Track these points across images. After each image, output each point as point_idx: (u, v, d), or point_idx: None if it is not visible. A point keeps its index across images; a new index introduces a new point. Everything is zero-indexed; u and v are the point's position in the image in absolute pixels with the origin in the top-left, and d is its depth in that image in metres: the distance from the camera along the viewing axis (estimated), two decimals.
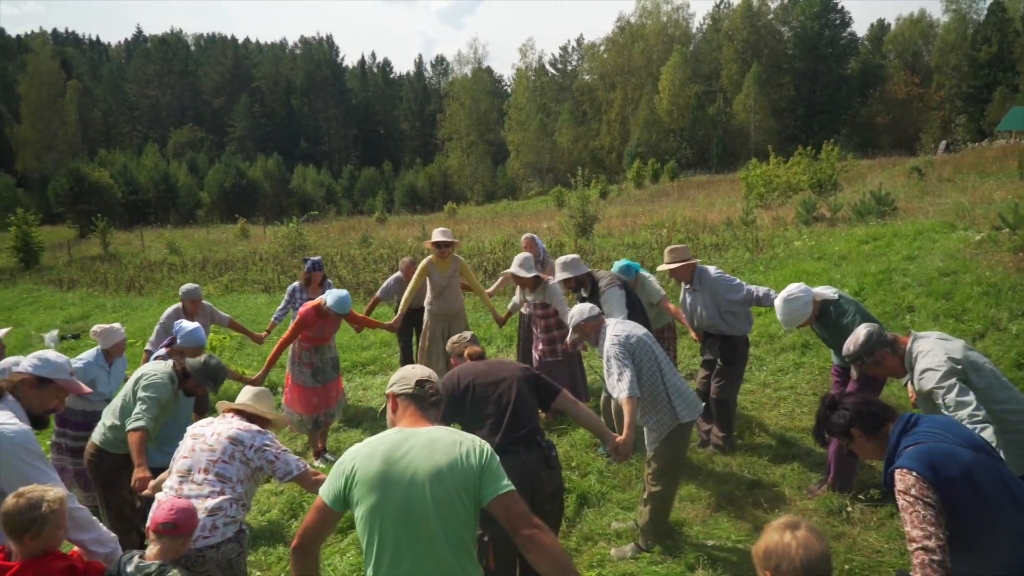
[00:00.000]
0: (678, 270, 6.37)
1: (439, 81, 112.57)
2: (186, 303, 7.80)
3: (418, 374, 3.00)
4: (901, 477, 2.83)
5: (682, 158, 68.86)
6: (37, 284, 24.30)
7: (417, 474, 2.60)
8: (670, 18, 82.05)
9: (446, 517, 2.59)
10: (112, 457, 5.01)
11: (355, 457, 2.71)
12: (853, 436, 3.12)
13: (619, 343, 4.80)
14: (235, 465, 3.79)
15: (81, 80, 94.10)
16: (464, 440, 2.73)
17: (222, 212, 68.54)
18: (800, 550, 2.29)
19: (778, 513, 5.39)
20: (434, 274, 7.92)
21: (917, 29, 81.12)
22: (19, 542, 2.94)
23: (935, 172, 30.40)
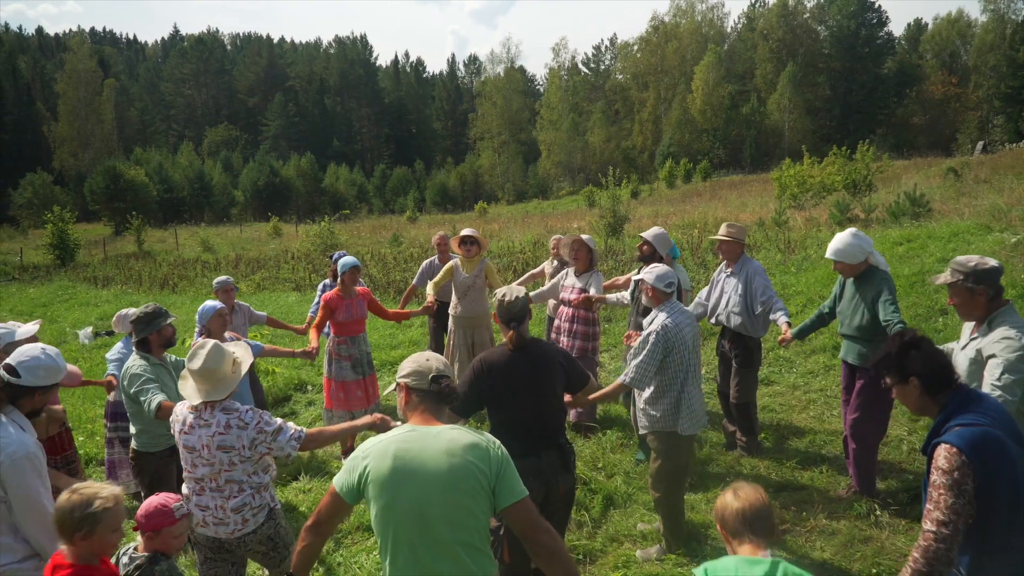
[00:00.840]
0: (730, 244, 6.36)
1: (471, 80, 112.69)
2: (219, 294, 7.83)
3: (433, 367, 2.91)
4: (948, 455, 2.74)
5: (715, 158, 68.35)
6: (72, 281, 24.73)
7: (430, 478, 2.60)
8: (704, 17, 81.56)
9: (459, 520, 2.62)
10: (152, 456, 5.13)
11: (368, 455, 2.70)
12: (909, 383, 2.96)
13: (664, 331, 4.73)
14: (238, 467, 3.71)
15: (118, 79, 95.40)
16: (479, 443, 2.71)
17: (255, 210, 69.26)
18: (737, 503, 2.68)
19: (805, 516, 5.36)
20: (459, 274, 7.90)
21: (955, 29, 79.74)
22: (70, 542, 2.83)
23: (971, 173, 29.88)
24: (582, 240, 7.09)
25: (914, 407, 3.02)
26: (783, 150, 61.72)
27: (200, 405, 3.72)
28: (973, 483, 2.70)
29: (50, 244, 31.25)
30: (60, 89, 77.90)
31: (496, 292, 4.08)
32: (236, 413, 3.69)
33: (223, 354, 3.77)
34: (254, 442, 3.67)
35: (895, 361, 2.98)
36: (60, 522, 2.82)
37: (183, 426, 3.75)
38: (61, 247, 31.02)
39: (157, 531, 3.13)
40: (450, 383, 2.92)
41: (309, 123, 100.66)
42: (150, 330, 4.98)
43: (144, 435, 5.09)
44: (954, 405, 2.88)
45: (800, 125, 70.78)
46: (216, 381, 3.72)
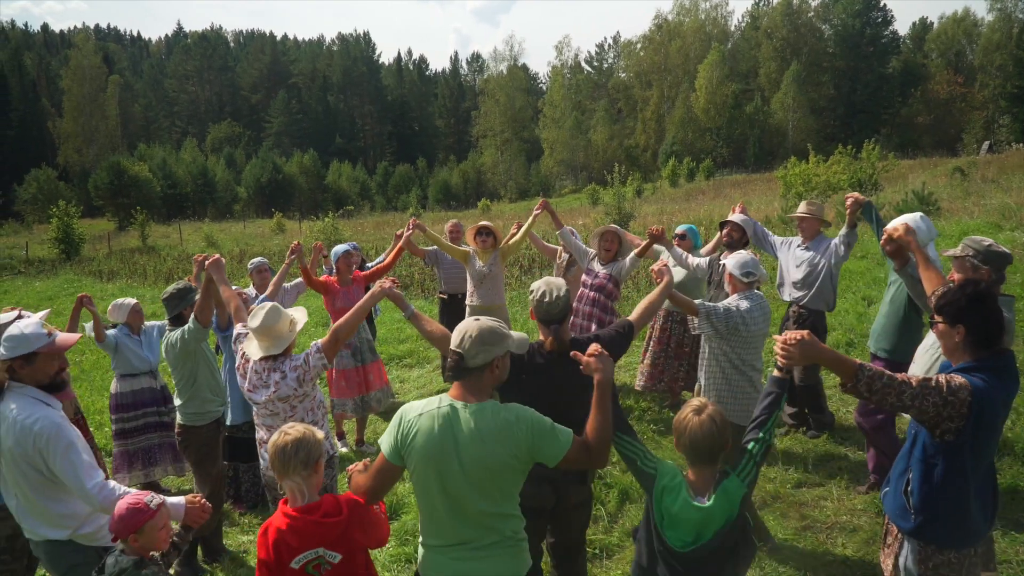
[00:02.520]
0: (810, 221, 6.45)
1: (474, 78, 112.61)
2: (254, 276, 7.53)
3: (453, 341, 2.89)
4: (961, 384, 2.81)
5: (718, 157, 68.28)
6: (78, 275, 24.70)
7: (460, 462, 2.77)
8: (708, 16, 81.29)
9: (489, 494, 2.83)
10: (198, 430, 5.30)
11: (413, 421, 2.86)
12: (956, 329, 2.96)
13: (737, 313, 4.64)
14: (299, 408, 4.17)
15: (122, 75, 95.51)
16: (508, 430, 2.80)
17: (258, 207, 69.33)
18: (690, 430, 2.88)
19: (824, 510, 5.30)
20: (475, 262, 7.84)
21: (961, 28, 79.47)
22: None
23: (979, 172, 29.85)
24: (614, 231, 7.06)
25: (947, 351, 3.08)
26: (787, 149, 61.56)
27: (260, 366, 4.11)
28: (954, 421, 2.81)
29: (55, 238, 31.29)
30: (65, 85, 78.14)
31: (533, 287, 3.74)
32: (280, 370, 4.10)
33: (280, 313, 4.12)
34: (299, 379, 4.09)
35: (956, 307, 2.97)
36: (306, 450, 2.92)
37: (248, 383, 4.16)
38: (66, 241, 31.07)
39: (140, 530, 3.10)
40: (456, 362, 2.85)
41: (312, 120, 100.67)
42: (183, 305, 5.32)
43: (192, 404, 5.25)
44: (989, 361, 2.92)
45: (804, 124, 70.59)
46: (275, 338, 4.09)
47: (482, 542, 2.86)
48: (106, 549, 3.50)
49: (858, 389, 2.83)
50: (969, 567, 3.00)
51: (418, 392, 8.93)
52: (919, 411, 2.83)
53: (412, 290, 15.79)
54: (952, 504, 2.94)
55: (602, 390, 2.91)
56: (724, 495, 2.87)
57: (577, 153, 79.67)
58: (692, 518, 2.86)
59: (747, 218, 6.58)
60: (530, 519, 3.58)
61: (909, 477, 3.05)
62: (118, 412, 6.56)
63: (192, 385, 5.21)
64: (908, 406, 2.82)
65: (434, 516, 2.90)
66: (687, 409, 2.97)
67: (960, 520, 2.95)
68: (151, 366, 6.65)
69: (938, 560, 2.98)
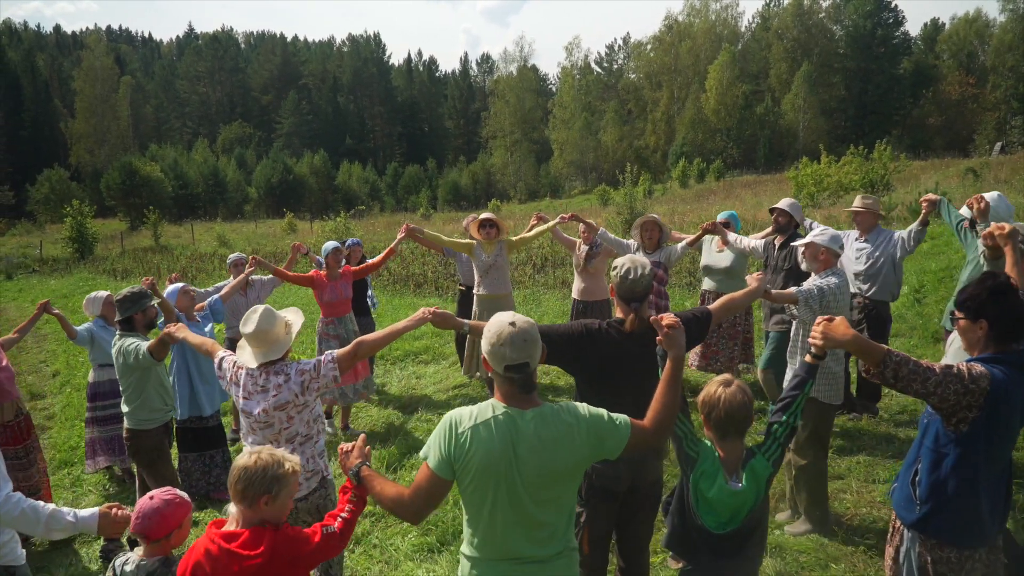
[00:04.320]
0: (864, 215, 6.67)
1: (484, 79, 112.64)
2: (233, 270, 8.08)
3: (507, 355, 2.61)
4: (981, 372, 2.82)
5: (728, 158, 68.13)
6: (92, 274, 24.86)
7: (527, 466, 2.58)
8: (718, 16, 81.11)
9: (550, 504, 2.65)
10: (147, 434, 5.27)
11: (467, 432, 2.61)
12: (977, 324, 2.96)
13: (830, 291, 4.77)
14: (296, 420, 3.85)
15: (134, 76, 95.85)
16: (567, 434, 2.64)
17: (268, 207, 69.50)
18: (725, 400, 2.96)
19: (844, 501, 5.33)
20: (480, 253, 7.96)
21: (972, 29, 79.01)
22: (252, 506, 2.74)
23: (991, 173, 29.73)
24: (654, 220, 7.28)
25: (968, 347, 3.05)
26: (797, 150, 61.43)
27: (256, 372, 3.84)
28: (973, 413, 2.82)
29: (69, 237, 31.45)
30: (77, 86, 78.30)
31: (616, 263, 3.61)
32: (284, 373, 3.83)
33: (274, 316, 3.89)
34: (303, 385, 3.81)
35: (976, 301, 2.97)
36: (247, 483, 2.71)
37: (242, 391, 3.86)
38: (80, 240, 31.23)
39: (180, 525, 2.98)
40: (526, 376, 2.65)
41: (322, 121, 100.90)
42: (135, 309, 5.27)
43: (140, 411, 5.22)
44: (1011, 359, 2.90)
45: (815, 125, 70.39)
46: (271, 343, 3.85)
47: (538, 555, 2.68)
48: (7, 569, 3.30)
49: (884, 375, 2.84)
50: (969, 571, 2.94)
51: (435, 387, 8.99)
52: (940, 398, 2.82)
53: (426, 288, 15.86)
54: (958, 497, 2.92)
55: (676, 366, 2.84)
56: (753, 477, 2.94)
57: (587, 154, 79.59)
58: (728, 503, 2.93)
59: (794, 202, 6.77)
60: (601, 501, 3.56)
61: (918, 467, 3.04)
62: (95, 400, 6.81)
63: (140, 395, 5.20)
64: (931, 393, 2.82)
65: (489, 532, 2.68)
66: (714, 385, 3.03)
67: (965, 516, 2.93)
68: None
69: (936, 556, 2.96)
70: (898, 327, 9.32)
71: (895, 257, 6.51)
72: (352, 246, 8.69)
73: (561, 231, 8.43)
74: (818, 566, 4.59)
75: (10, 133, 74.58)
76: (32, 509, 3.12)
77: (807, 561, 4.64)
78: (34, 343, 13.55)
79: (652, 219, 7.30)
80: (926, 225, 6.36)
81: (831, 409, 4.99)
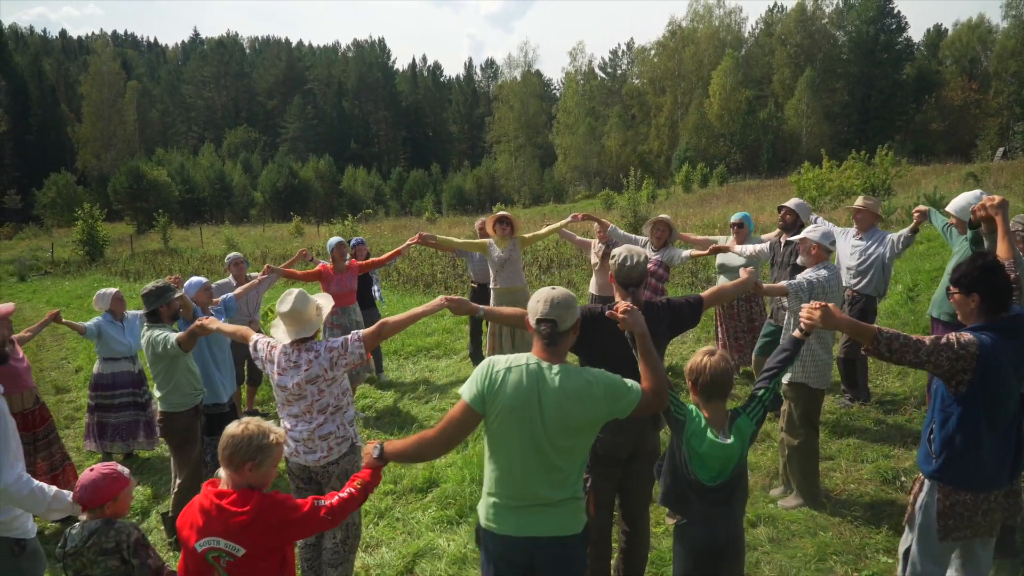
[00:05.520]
0: (864, 214, 7.09)
1: (488, 84, 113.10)
2: (232, 268, 8.43)
3: (539, 309, 3.05)
4: (969, 340, 3.27)
5: (731, 163, 68.44)
6: (106, 275, 25.29)
7: (543, 418, 2.95)
8: (722, 22, 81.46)
9: (565, 452, 3.01)
10: (179, 416, 5.62)
11: (500, 373, 3.02)
12: (970, 297, 3.42)
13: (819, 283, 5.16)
14: (327, 392, 4.21)
15: (140, 81, 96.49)
16: (591, 380, 3.02)
17: (274, 211, 69.90)
18: (711, 367, 3.31)
19: (833, 478, 5.72)
20: (494, 250, 8.33)
21: (975, 34, 79.20)
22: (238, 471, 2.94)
23: (991, 178, 30.04)
24: (665, 221, 7.70)
25: (963, 318, 3.51)
26: (800, 155, 61.62)
27: (289, 349, 4.20)
28: (968, 376, 3.27)
29: (80, 240, 31.84)
30: (84, 91, 78.82)
31: (615, 252, 4.02)
32: (315, 350, 4.18)
33: (308, 299, 4.25)
34: (332, 361, 4.17)
35: (969, 278, 3.42)
36: (234, 449, 2.92)
37: (276, 367, 4.23)
38: (91, 243, 31.62)
39: (115, 497, 3.20)
40: (551, 328, 3.04)
41: (327, 125, 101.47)
42: (160, 302, 5.61)
43: (172, 396, 5.56)
44: (999, 326, 3.36)
45: (818, 131, 70.60)
46: (303, 322, 4.20)
47: (551, 498, 3.02)
48: (19, 542, 3.52)
49: (879, 350, 3.33)
50: (986, 511, 3.37)
51: (447, 380, 9.38)
52: (935, 365, 3.31)
53: (435, 288, 16.25)
54: (965, 449, 3.35)
55: (642, 340, 3.23)
56: (738, 433, 3.35)
57: (591, 159, 79.92)
58: (718, 455, 3.31)
59: (801, 202, 7.20)
60: (606, 467, 3.95)
61: (932, 427, 3.48)
62: (97, 390, 7.28)
63: (170, 381, 5.52)
64: (925, 362, 3.30)
65: (509, 470, 3.03)
66: (700, 355, 3.38)
67: (974, 464, 3.35)
68: (131, 351, 7.37)
69: (955, 499, 3.39)
70: (891, 323, 9.69)
71: (885, 257, 6.92)
72: (357, 245, 9.36)
73: (573, 233, 8.79)
74: (807, 534, 4.99)
75: (17, 138, 75.02)
76: (39, 489, 3.42)
77: (798, 529, 5.04)
78: (53, 341, 13.99)
79: (663, 219, 7.72)
80: (915, 232, 6.80)
81: (820, 393, 5.38)
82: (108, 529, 3.10)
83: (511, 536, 3.05)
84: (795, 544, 4.88)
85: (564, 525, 3.07)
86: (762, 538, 4.95)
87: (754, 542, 4.91)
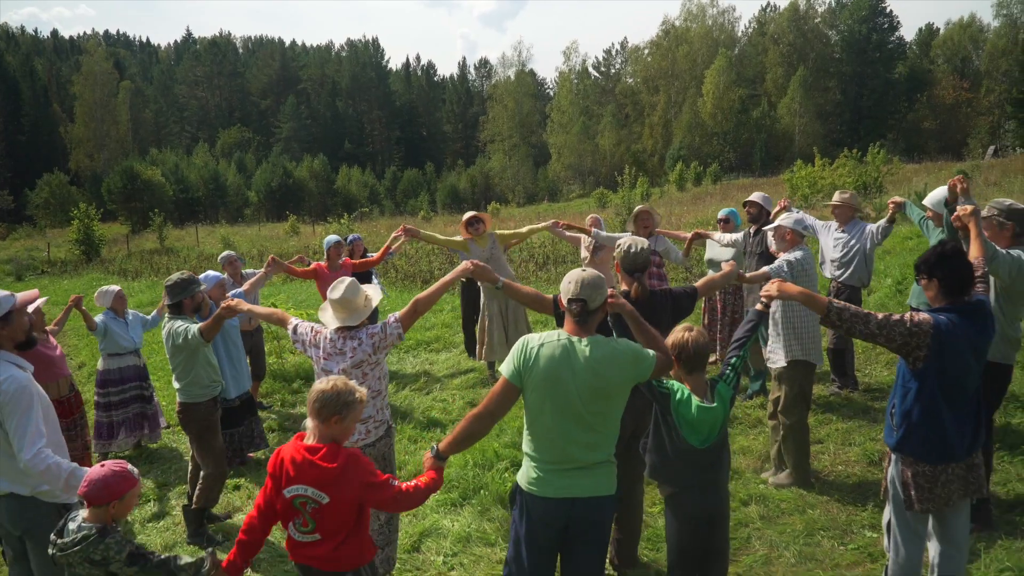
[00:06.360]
0: (842, 208, 7.39)
1: (482, 84, 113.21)
2: (227, 267, 8.50)
3: (571, 289, 3.36)
4: (924, 319, 3.50)
5: (725, 161, 68.68)
6: (103, 274, 25.41)
7: (575, 388, 3.25)
8: (715, 21, 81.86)
9: (598, 415, 3.31)
10: (197, 407, 5.70)
11: (535, 349, 3.34)
12: (932, 281, 3.66)
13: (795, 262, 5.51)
14: (370, 376, 4.39)
15: (132, 81, 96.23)
16: (618, 348, 3.35)
17: (268, 211, 69.75)
18: (693, 341, 3.65)
19: (822, 460, 5.95)
20: (475, 250, 8.50)
21: (967, 34, 79.67)
22: (326, 422, 3.22)
23: (982, 176, 30.27)
24: (648, 210, 8.00)
25: (930, 300, 3.76)
26: (793, 154, 61.94)
27: (335, 336, 4.40)
28: (923, 352, 3.49)
29: (76, 240, 31.93)
30: (76, 91, 78.35)
31: (620, 242, 4.30)
32: (358, 337, 4.38)
33: (358, 288, 4.46)
34: (374, 346, 4.37)
35: (929, 264, 3.68)
36: (323, 403, 3.22)
37: (322, 352, 4.42)
38: (87, 243, 31.72)
39: (122, 496, 3.20)
40: (581, 307, 3.35)
41: (321, 125, 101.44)
42: (185, 295, 5.67)
43: (192, 387, 5.65)
44: (957, 308, 3.57)
45: (811, 129, 71.01)
46: (352, 310, 4.41)
47: (587, 461, 3.32)
48: (65, 507, 3.72)
49: (831, 319, 3.62)
50: (945, 482, 3.58)
51: (446, 372, 9.59)
52: (887, 339, 3.55)
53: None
54: (922, 422, 3.57)
55: (631, 316, 3.59)
56: (720, 397, 3.65)
57: (584, 158, 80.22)
58: (706, 419, 3.59)
59: (763, 195, 7.56)
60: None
61: (895, 401, 3.71)
62: (104, 387, 7.45)
63: (190, 372, 5.60)
64: (876, 334, 3.55)
65: (547, 437, 3.34)
66: (680, 331, 3.72)
67: (932, 437, 3.56)
68: (135, 346, 7.58)
69: (916, 470, 3.61)
70: None
71: (866, 248, 7.22)
72: (354, 241, 9.64)
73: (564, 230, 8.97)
74: (796, 511, 5.22)
75: (8, 138, 74.96)
76: (56, 465, 3.58)
77: (787, 507, 5.28)
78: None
79: (645, 209, 8.00)
80: (892, 223, 7.11)
81: (813, 369, 5.65)
82: (99, 541, 3.11)
83: (551, 498, 3.34)
84: (785, 521, 5.12)
85: (600, 486, 3.37)
86: (753, 516, 5.18)
87: (746, 519, 5.15)
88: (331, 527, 3.25)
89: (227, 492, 6.52)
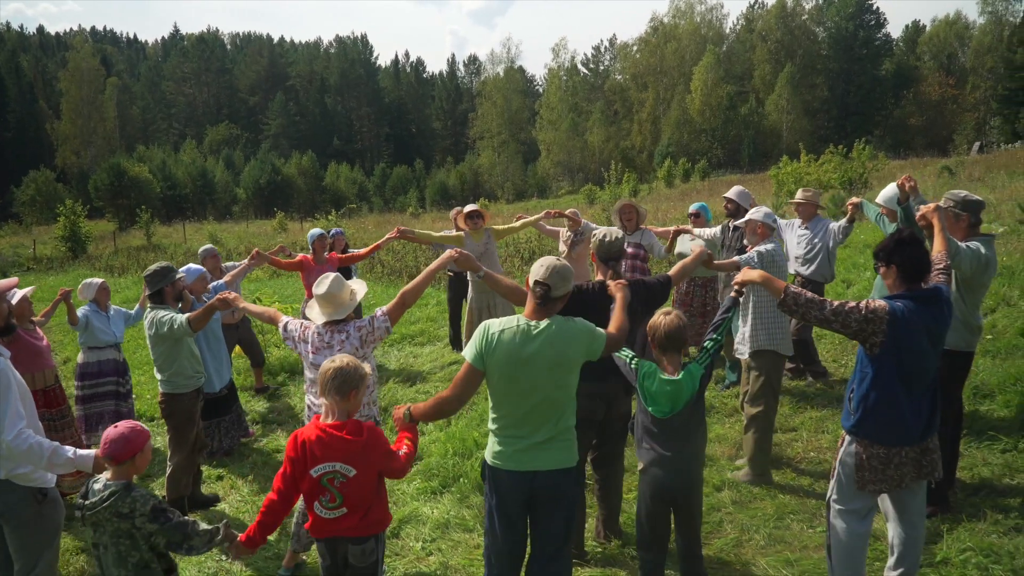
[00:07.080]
0: (805, 206, 7.57)
1: (471, 80, 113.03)
2: (207, 262, 8.46)
3: (540, 272, 3.58)
4: (878, 305, 3.58)
5: (713, 158, 68.89)
6: (89, 271, 25.37)
7: (534, 366, 3.47)
8: (703, 18, 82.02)
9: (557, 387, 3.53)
10: (180, 398, 5.80)
11: (495, 334, 3.54)
12: (890, 268, 3.76)
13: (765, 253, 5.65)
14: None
15: (119, 77, 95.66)
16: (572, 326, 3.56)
17: (257, 208, 69.54)
18: (664, 324, 3.89)
19: (795, 447, 6.07)
20: (469, 243, 8.56)
21: (953, 31, 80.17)
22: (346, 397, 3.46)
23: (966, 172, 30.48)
24: (632, 204, 8.07)
25: (888, 287, 3.84)
26: (781, 150, 62.16)
27: (323, 330, 4.48)
28: (879, 338, 3.57)
29: (62, 237, 31.82)
30: (63, 87, 77.65)
31: (595, 232, 4.60)
32: (345, 331, 4.47)
33: (343, 283, 4.55)
34: (361, 339, 4.47)
35: (887, 251, 3.78)
36: (344, 378, 3.44)
37: (310, 347, 4.50)
38: (73, 239, 31.61)
39: (142, 450, 3.36)
40: (544, 291, 3.55)
41: (310, 122, 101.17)
42: (164, 283, 5.74)
43: (176, 378, 5.74)
44: (914, 295, 3.66)
45: (798, 126, 71.25)
46: (337, 305, 4.50)
47: (547, 435, 3.55)
48: (41, 491, 3.84)
49: (787, 303, 3.73)
50: (898, 465, 3.67)
51: (431, 365, 9.68)
52: (843, 325, 3.65)
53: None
54: (878, 406, 3.66)
55: (622, 299, 3.98)
56: (688, 373, 3.83)
57: (574, 155, 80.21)
58: (666, 391, 3.80)
59: (740, 190, 7.73)
60: (582, 429, 4.33)
61: (853, 386, 3.80)
62: (83, 380, 7.38)
63: (173, 363, 5.69)
64: (831, 320, 3.66)
65: (510, 415, 3.57)
66: (657, 315, 4.00)
67: (887, 421, 3.66)
68: (116, 340, 7.50)
69: (870, 452, 3.70)
70: None
71: (829, 245, 7.39)
72: (336, 235, 9.63)
73: (546, 224, 9.03)
74: (768, 496, 5.36)
75: None
76: (38, 444, 3.65)
77: (759, 493, 5.41)
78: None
79: (628, 203, 8.04)
80: (852, 222, 7.25)
81: (781, 360, 5.76)
82: (127, 495, 3.26)
83: (514, 471, 3.58)
84: (756, 505, 5.25)
85: (560, 459, 3.60)
86: (726, 501, 5.31)
87: (718, 504, 5.27)
88: (356, 499, 3.47)
89: (210, 482, 6.60)
